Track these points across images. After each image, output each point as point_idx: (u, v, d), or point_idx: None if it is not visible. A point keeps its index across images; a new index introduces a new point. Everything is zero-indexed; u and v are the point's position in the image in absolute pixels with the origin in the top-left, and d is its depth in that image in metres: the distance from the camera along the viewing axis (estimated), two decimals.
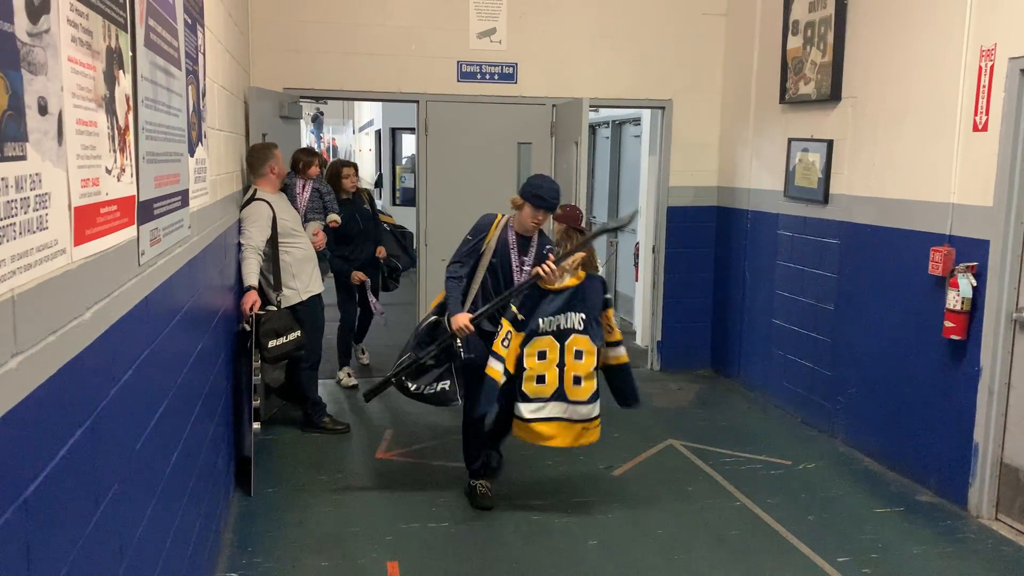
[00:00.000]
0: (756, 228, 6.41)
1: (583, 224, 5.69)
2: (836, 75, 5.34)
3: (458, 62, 6.44)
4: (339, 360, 6.53)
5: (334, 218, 5.65)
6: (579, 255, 4.14)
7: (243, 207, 4.86)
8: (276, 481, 4.61)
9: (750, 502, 4.42)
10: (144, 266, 2.19)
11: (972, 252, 4.30)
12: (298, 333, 4.88)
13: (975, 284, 4.26)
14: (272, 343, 4.72)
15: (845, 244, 5.32)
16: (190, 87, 3.05)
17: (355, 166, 6.57)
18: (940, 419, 4.53)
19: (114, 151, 1.87)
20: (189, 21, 3.06)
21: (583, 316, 4.08)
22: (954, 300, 4.30)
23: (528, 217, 4.10)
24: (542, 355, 4.07)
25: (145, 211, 2.20)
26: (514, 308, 4.04)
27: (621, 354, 4.25)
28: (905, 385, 4.79)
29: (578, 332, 4.07)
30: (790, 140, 5.87)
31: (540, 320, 4.05)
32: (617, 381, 4.29)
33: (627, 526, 4.16)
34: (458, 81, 6.47)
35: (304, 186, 5.58)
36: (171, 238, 2.59)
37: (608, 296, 4.20)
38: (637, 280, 8.01)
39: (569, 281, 4.08)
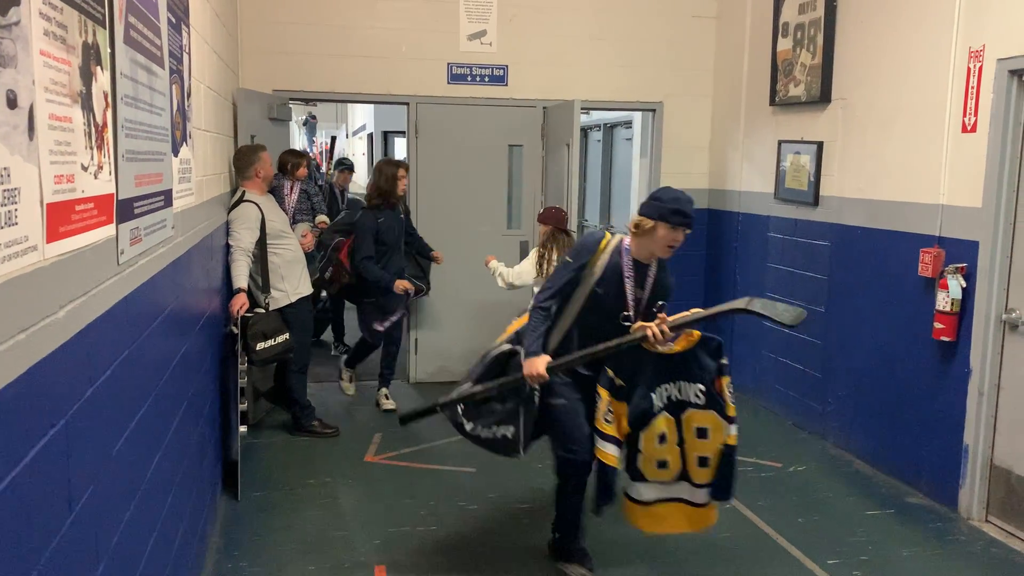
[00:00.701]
0: (747, 230, 6.40)
1: (567, 225, 5.69)
2: (826, 77, 5.34)
3: (448, 64, 6.43)
4: (379, 380, 6.05)
5: (322, 219, 5.63)
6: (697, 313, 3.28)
7: (231, 209, 4.83)
8: (264, 485, 4.57)
9: (740, 504, 4.40)
10: (124, 265, 2.16)
11: (962, 253, 4.29)
12: (286, 336, 4.86)
13: (965, 285, 4.25)
14: (260, 346, 4.69)
15: (835, 246, 5.32)
16: (174, 86, 3.02)
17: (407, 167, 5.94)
18: (930, 421, 4.52)
19: (91, 148, 1.84)
20: (173, 20, 3.04)
21: (702, 388, 3.32)
22: (944, 301, 4.30)
23: (664, 240, 3.24)
24: (662, 438, 3.32)
25: (125, 210, 2.17)
26: (610, 372, 3.30)
27: (731, 434, 3.37)
28: (895, 387, 4.78)
29: (698, 407, 3.32)
30: (780, 142, 5.87)
31: (652, 395, 3.30)
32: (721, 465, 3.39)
33: (614, 526, 4.13)
34: (448, 83, 6.46)
35: (292, 187, 5.56)
36: (153, 238, 2.56)
37: (724, 361, 3.35)
38: None
39: (679, 344, 3.30)
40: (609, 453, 3.31)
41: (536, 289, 5.59)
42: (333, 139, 14.78)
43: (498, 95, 6.54)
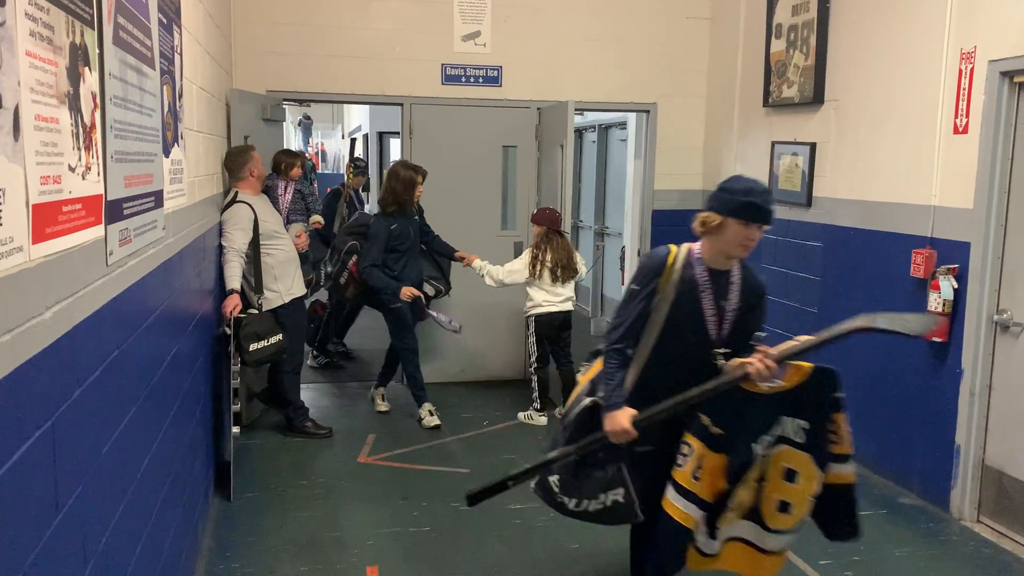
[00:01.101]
0: None
1: (561, 226, 5.70)
2: (819, 78, 5.35)
3: (442, 65, 6.43)
4: (415, 396, 5.71)
5: (317, 219, 5.62)
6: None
7: (223, 210, 4.82)
8: (257, 486, 4.57)
9: None
10: (113, 266, 2.16)
11: (953, 254, 4.30)
12: (280, 336, 4.85)
13: (956, 286, 4.26)
14: (253, 346, 4.69)
15: (828, 247, 5.33)
16: (165, 87, 3.02)
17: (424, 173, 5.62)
18: (922, 421, 4.53)
19: (78, 149, 1.84)
20: (164, 21, 3.03)
21: (805, 425, 2.80)
22: (936, 302, 4.31)
23: (738, 238, 2.72)
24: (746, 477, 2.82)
25: (114, 211, 2.17)
26: (705, 419, 2.76)
27: (847, 472, 2.86)
28: (888, 388, 4.79)
29: (794, 444, 2.80)
30: (773, 143, 5.88)
31: (754, 445, 2.76)
32: (830, 505, 2.87)
33: (610, 529, 4.12)
34: (443, 84, 6.46)
35: (286, 188, 5.55)
36: (143, 239, 2.56)
37: (841, 395, 2.81)
38: (623, 284, 8.01)
39: (788, 380, 2.79)
40: (688, 514, 2.76)
41: (529, 290, 5.63)
42: (353, 141, 14.67)
43: (492, 96, 6.54)
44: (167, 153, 3.04)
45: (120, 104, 2.26)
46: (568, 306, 5.64)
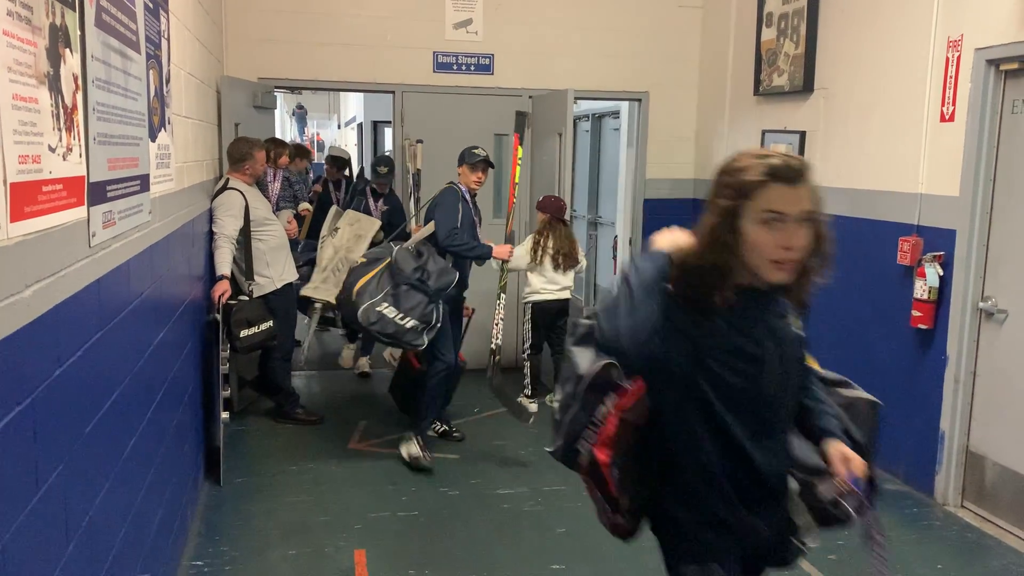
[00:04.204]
0: None
1: (566, 215, 5.72)
2: (808, 67, 5.36)
3: (434, 53, 6.43)
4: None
5: (305, 206, 5.63)
6: None
7: (214, 197, 4.83)
8: (247, 471, 4.59)
9: None
10: (96, 248, 2.17)
11: (939, 242, 4.33)
12: (270, 323, 4.87)
13: (942, 274, 4.29)
14: (244, 333, 4.71)
15: None
16: (151, 71, 3.02)
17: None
18: (908, 408, 4.56)
19: (59, 129, 1.85)
20: (151, 5, 3.04)
21: None
22: (921, 289, 4.33)
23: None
24: None
25: (97, 192, 2.18)
26: None
27: None
28: (874, 374, 4.81)
29: None
30: (764, 132, 5.90)
31: None
32: None
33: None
34: (434, 72, 6.46)
35: (275, 175, 5.56)
36: (128, 222, 2.57)
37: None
38: (615, 273, 8.02)
39: None
40: None
41: (529, 275, 5.61)
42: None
43: (484, 84, 6.54)
44: (154, 138, 3.05)
45: (103, 87, 2.27)
46: (565, 295, 5.68)
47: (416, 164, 5.89)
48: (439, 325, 4.56)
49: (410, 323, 4.43)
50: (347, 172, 7.81)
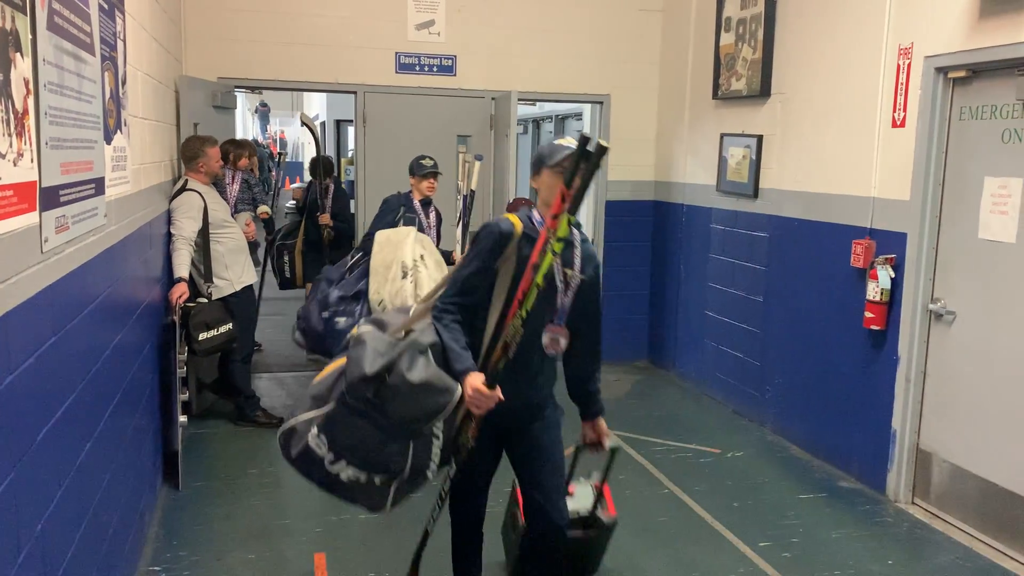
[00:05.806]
0: (690, 222, 6.51)
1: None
2: (766, 71, 5.45)
3: (396, 53, 6.42)
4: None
5: (264, 210, 5.59)
6: None
7: (172, 198, 4.78)
8: (206, 475, 4.55)
9: (678, 490, 4.50)
10: (48, 253, 2.15)
11: (891, 244, 4.43)
12: (230, 326, 4.83)
13: (894, 276, 4.39)
14: (203, 336, 4.66)
15: (774, 237, 5.44)
16: (107, 73, 2.99)
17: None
18: (861, 407, 4.67)
19: (9, 135, 1.83)
20: (105, 6, 3.01)
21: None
22: (874, 291, 4.43)
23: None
24: None
25: (49, 197, 2.16)
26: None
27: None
28: (829, 374, 4.92)
29: None
30: (723, 135, 5.98)
31: None
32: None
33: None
34: (397, 72, 6.45)
35: (234, 177, 5.51)
36: (82, 226, 2.54)
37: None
38: None
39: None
40: None
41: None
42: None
43: (447, 85, 6.55)
44: (109, 140, 3.02)
45: (56, 90, 2.24)
46: None
47: (470, 184, 5.11)
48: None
49: (345, 472, 2.77)
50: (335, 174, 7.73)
